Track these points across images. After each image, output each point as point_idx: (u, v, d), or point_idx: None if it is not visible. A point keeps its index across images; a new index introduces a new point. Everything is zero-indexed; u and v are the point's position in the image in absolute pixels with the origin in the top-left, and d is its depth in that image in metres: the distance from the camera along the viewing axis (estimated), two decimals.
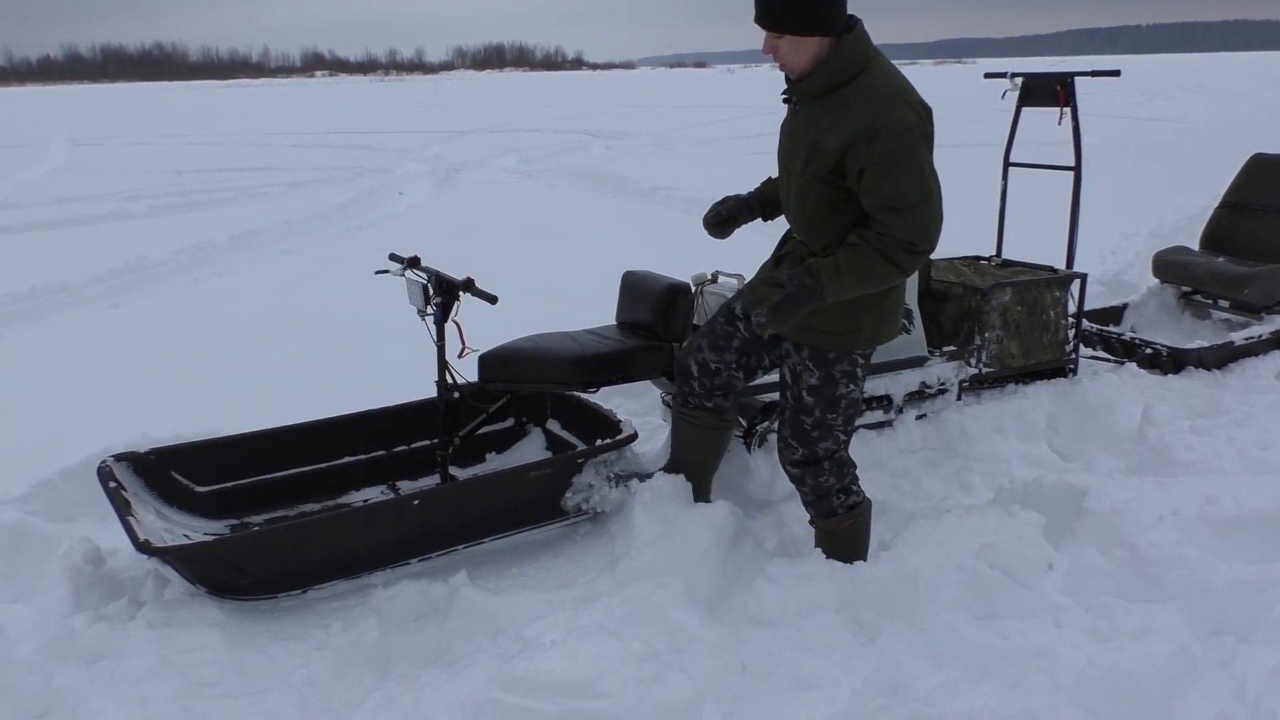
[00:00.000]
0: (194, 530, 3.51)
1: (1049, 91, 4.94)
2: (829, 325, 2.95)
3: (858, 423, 4.19)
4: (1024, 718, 2.41)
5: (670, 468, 3.59)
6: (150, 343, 6.36)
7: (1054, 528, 3.30)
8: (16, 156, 20.24)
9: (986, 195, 5.66)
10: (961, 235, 6.96)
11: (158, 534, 3.18)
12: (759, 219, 3.39)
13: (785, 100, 3.01)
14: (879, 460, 4.13)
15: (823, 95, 2.82)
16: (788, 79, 2.89)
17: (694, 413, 3.47)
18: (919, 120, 2.74)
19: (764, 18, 2.76)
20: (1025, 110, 5.12)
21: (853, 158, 2.74)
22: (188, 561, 3.04)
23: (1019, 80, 5.09)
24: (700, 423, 3.48)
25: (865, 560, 3.20)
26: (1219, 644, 2.73)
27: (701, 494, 3.55)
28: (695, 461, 3.54)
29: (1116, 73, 4.93)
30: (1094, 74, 4.87)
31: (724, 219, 3.36)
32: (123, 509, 3.12)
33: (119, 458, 3.51)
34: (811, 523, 3.28)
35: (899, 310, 3.07)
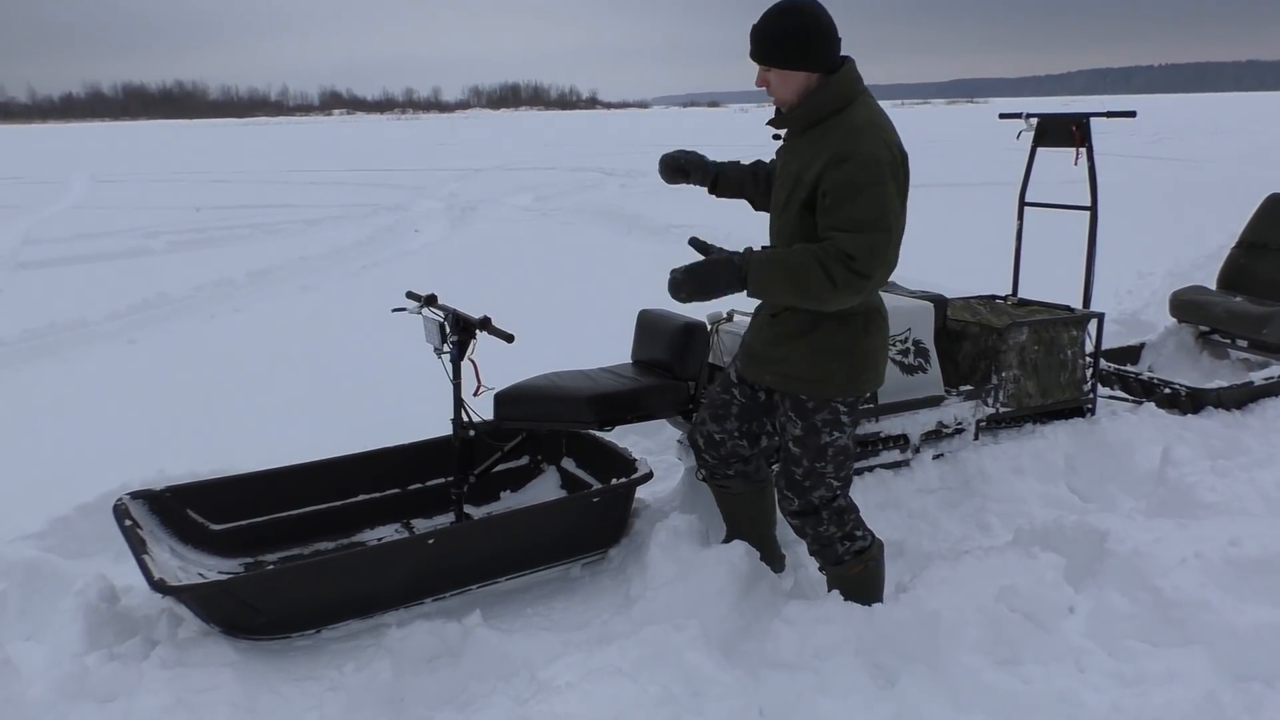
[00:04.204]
0: (208, 568, 3.50)
1: (1065, 132, 4.95)
2: (801, 373, 2.95)
3: (875, 463, 4.19)
4: None
5: (729, 538, 3.49)
6: (167, 379, 6.39)
7: (1075, 570, 3.26)
8: (38, 193, 20.48)
9: (1002, 234, 5.66)
10: (978, 274, 6.98)
11: (172, 572, 3.18)
12: (707, 187, 3.41)
13: (775, 137, 3.09)
14: (896, 500, 4.10)
15: (809, 128, 2.90)
16: (777, 110, 2.99)
17: (725, 483, 3.44)
18: (890, 158, 2.76)
19: (756, 52, 2.88)
20: (1040, 150, 5.13)
21: (822, 184, 2.78)
22: (203, 600, 3.03)
23: (1034, 120, 5.10)
24: (735, 491, 3.44)
25: (881, 602, 3.16)
26: (1246, 689, 2.69)
27: (769, 556, 3.48)
28: (749, 529, 3.47)
29: (1132, 113, 4.92)
30: (1110, 115, 4.87)
31: (677, 167, 3.40)
32: (138, 547, 3.12)
33: (135, 495, 3.51)
34: (821, 570, 3.25)
35: (876, 360, 3.01)
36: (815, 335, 2.93)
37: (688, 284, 2.82)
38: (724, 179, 3.38)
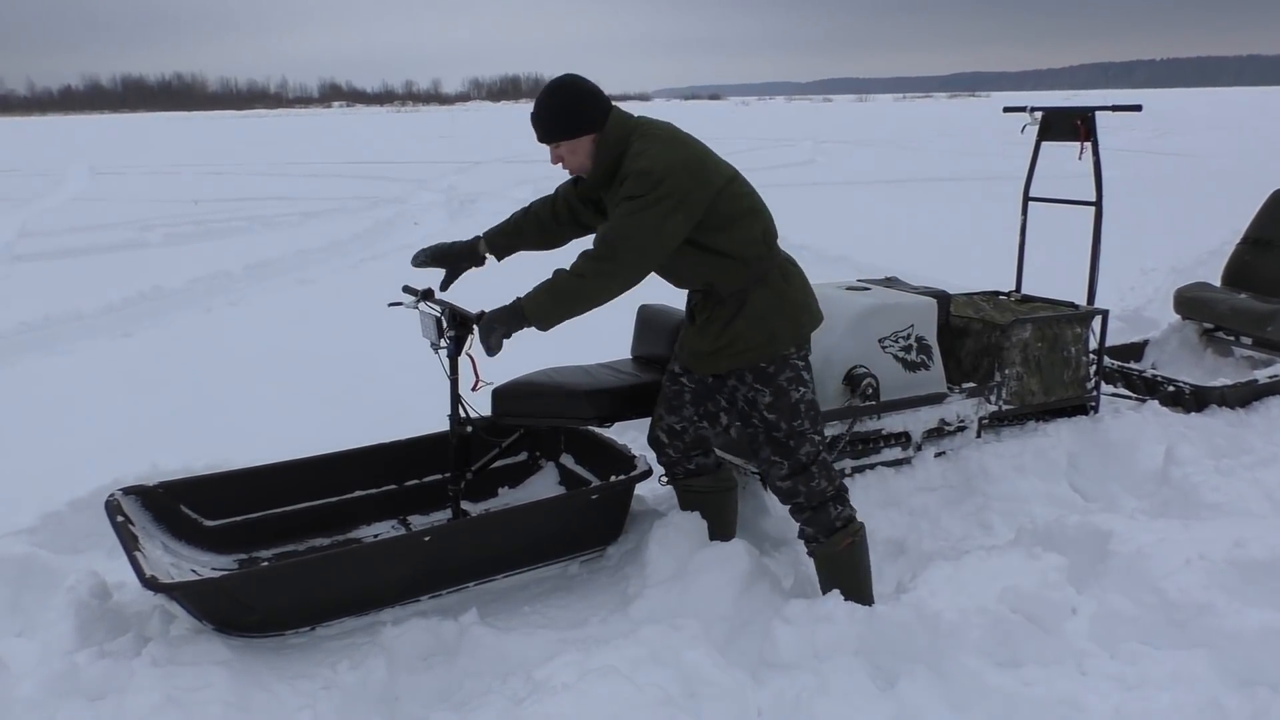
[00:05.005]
0: (201, 565, 3.47)
1: (1069, 126, 4.91)
2: (750, 343, 3.10)
3: (876, 461, 4.16)
4: None
5: None
6: (162, 373, 6.35)
7: (1077, 570, 3.22)
8: (36, 185, 20.43)
9: (1004, 229, 5.61)
10: (981, 270, 6.94)
11: (164, 569, 3.13)
12: (494, 258, 3.65)
13: (592, 202, 3.36)
14: (897, 498, 4.06)
15: (609, 182, 3.11)
16: (581, 180, 3.26)
17: (687, 482, 3.55)
18: (664, 167, 2.92)
19: (544, 134, 3.10)
20: (1044, 144, 5.09)
21: None
22: (195, 598, 2.99)
23: (1039, 114, 5.06)
24: (697, 489, 3.55)
25: (871, 589, 3.22)
26: (1252, 695, 2.65)
27: None
28: (711, 528, 3.53)
29: (1138, 107, 4.89)
30: (1115, 108, 4.83)
31: (426, 263, 3.56)
32: (129, 544, 3.08)
33: (127, 491, 3.47)
34: (810, 553, 3.26)
35: (807, 301, 3.20)
36: (745, 309, 3.08)
37: (484, 337, 3.06)
38: (500, 248, 3.63)
